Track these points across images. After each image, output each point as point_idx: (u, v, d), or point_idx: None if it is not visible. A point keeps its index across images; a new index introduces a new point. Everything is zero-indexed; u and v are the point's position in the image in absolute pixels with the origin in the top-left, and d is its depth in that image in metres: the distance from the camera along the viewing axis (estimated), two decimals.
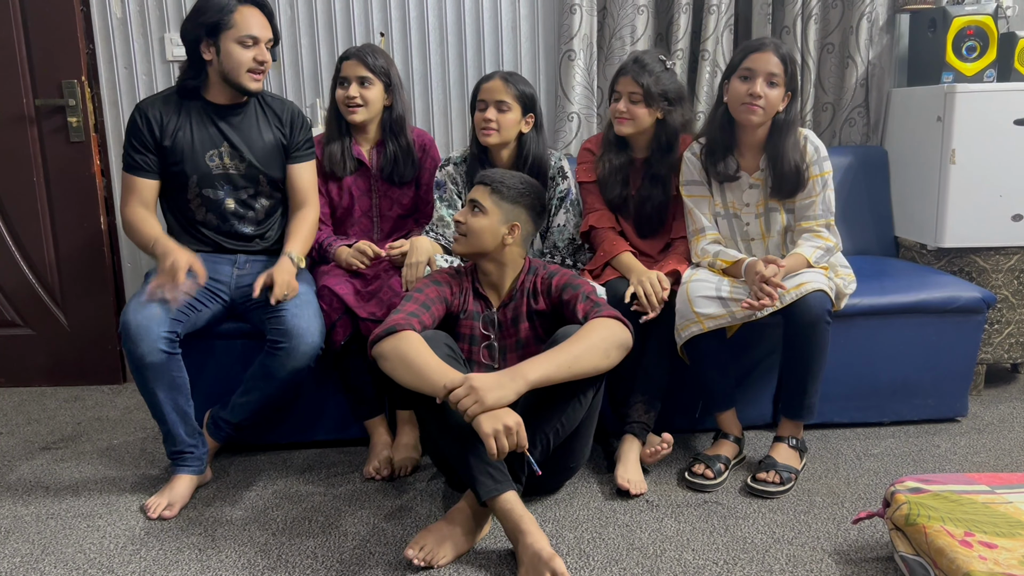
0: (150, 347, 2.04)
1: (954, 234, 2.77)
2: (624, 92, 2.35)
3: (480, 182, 2.11)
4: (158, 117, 2.27)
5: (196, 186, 2.31)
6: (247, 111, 2.35)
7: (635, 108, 2.34)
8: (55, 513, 2.13)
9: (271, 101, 2.40)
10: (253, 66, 2.24)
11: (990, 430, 2.55)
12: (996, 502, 1.71)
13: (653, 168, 2.43)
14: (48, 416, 2.86)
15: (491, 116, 2.36)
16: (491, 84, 2.38)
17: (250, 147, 2.33)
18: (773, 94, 2.20)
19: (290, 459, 2.43)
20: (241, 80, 2.25)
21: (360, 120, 2.49)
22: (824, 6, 3.06)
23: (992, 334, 2.84)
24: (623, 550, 1.88)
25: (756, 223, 2.36)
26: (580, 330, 1.91)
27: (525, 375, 1.80)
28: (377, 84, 2.48)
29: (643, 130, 2.38)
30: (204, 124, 2.30)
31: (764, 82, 2.19)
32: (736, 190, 2.35)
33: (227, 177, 2.33)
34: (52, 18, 2.94)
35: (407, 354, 1.86)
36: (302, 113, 2.45)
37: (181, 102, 2.30)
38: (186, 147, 2.28)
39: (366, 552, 1.90)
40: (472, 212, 2.08)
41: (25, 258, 3.10)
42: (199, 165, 2.29)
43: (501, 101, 2.36)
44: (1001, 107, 2.70)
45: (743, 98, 2.21)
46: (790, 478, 2.15)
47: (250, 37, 2.22)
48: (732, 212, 2.37)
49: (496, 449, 1.71)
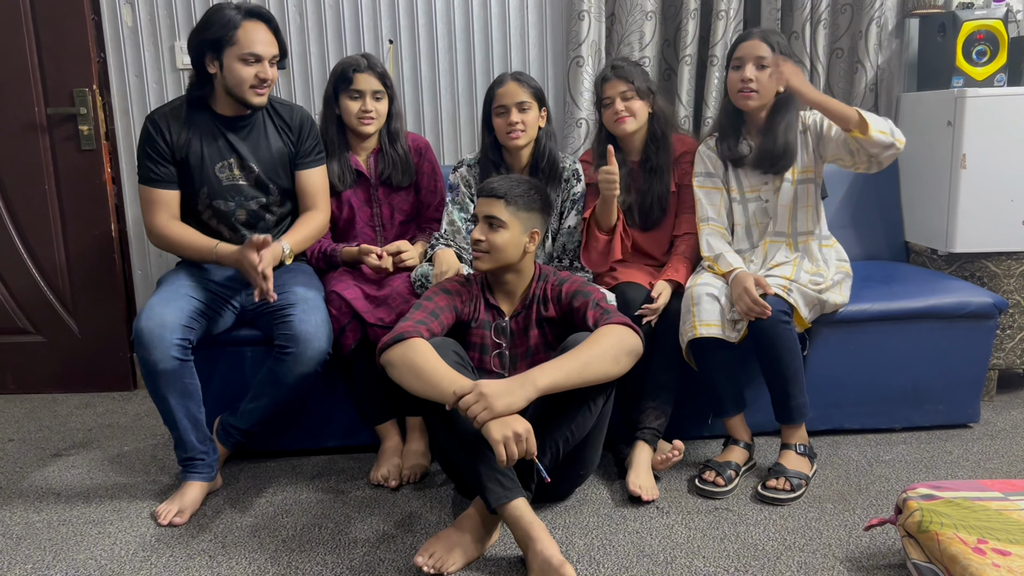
0: (163, 354, 2.05)
1: (965, 239, 2.76)
2: (615, 94, 2.41)
3: (490, 195, 2.05)
4: (169, 128, 2.28)
5: (207, 198, 2.32)
6: (255, 121, 2.36)
7: (631, 104, 2.41)
8: (66, 519, 2.14)
9: (280, 108, 2.41)
10: (255, 83, 2.24)
11: (1002, 436, 2.54)
12: (1009, 509, 1.70)
13: (651, 162, 2.49)
14: (59, 423, 2.87)
15: (516, 119, 2.38)
16: (508, 88, 2.39)
17: (258, 157, 2.34)
18: (764, 75, 2.27)
19: (300, 466, 2.44)
20: (244, 96, 2.25)
21: (373, 131, 2.51)
22: (833, 11, 3.05)
23: (1004, 339, 2.82)
24: (633, 557, 1.88)
25: (774, 198, 2.40)
26: (590, 337, 1.90)
27: (535, 381, 1.79)
28: (386, 97, 2.50)
29: (643, 124, 2.46)
30: (212, 136, 2.31)
31: (754, 66, 2.27)
32: (752, 173, 2.40)
33: (237, 188, 2.33)
34: (63, 27, 2.96)
35: (415, 361, 1.86)
36: (311, 118, 2.45)
37: (189, 114, 2.31)
38: (195, 160, 2.29)
39: (376, 559, 1.89)
40: (491, 229, 2.04)
41: (37, 266, 3.12)
42: (208, 177, 2.30)
43: (522, 102, 2.38)
44: (1012, 111, 2.69)
45: (737, 85, 2.30)
46: (800, 484, 2.14)
47: (252, 55, 2.21)
48: (752, 196, 2.42)
49: (506, 456, 1.71)
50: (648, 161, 2.49)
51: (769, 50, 2.26)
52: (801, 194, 2.38)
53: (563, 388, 1.83)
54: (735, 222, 2.45)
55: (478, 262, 2.07)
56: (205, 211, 2.34)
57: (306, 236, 2.38)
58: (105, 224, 3.09)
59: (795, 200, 2.38)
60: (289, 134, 2.39)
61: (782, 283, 2.26)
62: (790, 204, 2.37)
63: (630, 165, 2.50)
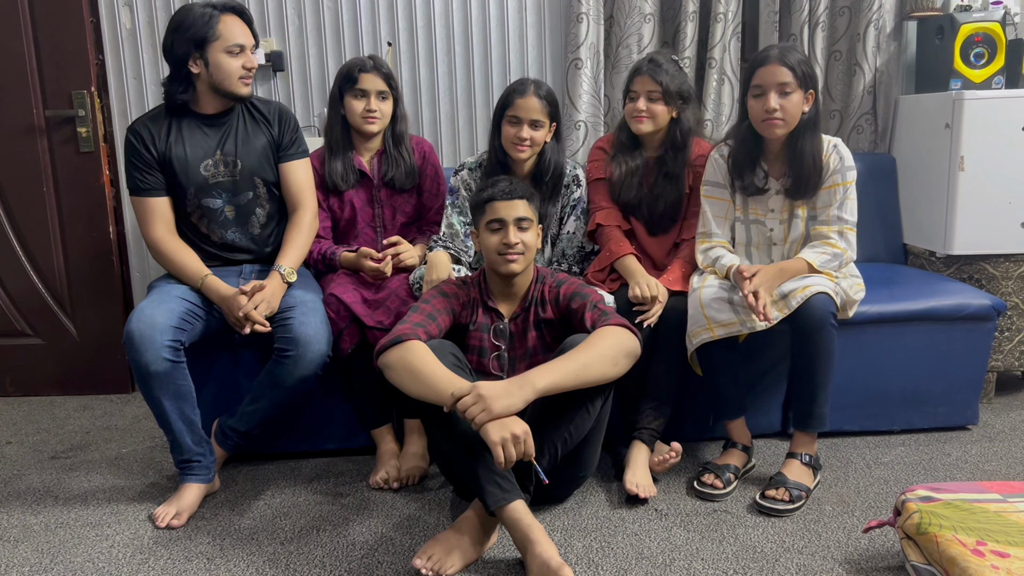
0: (154, 356, 2.05)
1: (963, 241, 2.76)
2: (642, 91, 2.36)
3: (511, 197, 2.05)
4: (151, 135, 2.28)
5: (195, 197, 2.32)
6: (235, 117, 2.37)
7: (654, 106, 2.36)
8: (64, 522, 2.13)
9: (257, 103, 2.41)
10: (243, 73, 2.28)
11: (1001, 438, 2.54)
12: (1008, 511, 1.70)
13: (667, 166, 2.45)
14: (57, 425, 2.87)
15: (526, 135, 2.36)
16: (528, 102, 2.36)
17: (242, 152, 2.34)
18: (790, 103, 2.19)
19: (298, 468, 2.43)
20: (233, 88, 2.27)
21: (377, 131, 2.51)
22: (831, 13, 3.06)
23: (1003, 341, 2.82)
24: (632, 559, 1.87)
25: (780, 228, 2.35)
26: (588, 338, 1.90)
27: (533, 383, 1.79)
28: (391, 98, 2.51)
29: (660, 128, 2.41)
30: (195, 135, 2.31)
31: (776, 94, 2.18)
32: (761, 198, 2.35)
33: (222, 185, 2.34)
34: (62, 29, 2.96)
35: (413, 363, 1.86)
36: (289, 111, 2.46)
37: (170, 118, 2.31)
38: (180, 160, 2.29)
39: (374, 561, 1.89)
40: (521, 229, 2.05)
41: (35, 268, 3.12)
42: (194, 176, 2.30)
43: (536, 120, 2.36)
44: (1010, 114, 2.69)
45: (761, 115, 2.21)
46: (800, 496, 2.10)
47: (237, 45, 2.25)
48: (753, 218, 2.37)
49: (504, 458, 1.71)
50: (664, 165, 2.45)
51: (791, 75, 2.16)
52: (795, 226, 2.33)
53: (562, 389, 1.83)
54: (736, 239, 2.40)
55: (514, 264, 2.05)
56: (194, 212, 2.34)
57: (301, 247, 2.37)
58: (103, 227, 3.09)
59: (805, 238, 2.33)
60: (269, 127, 2.39)
61: (830, 284, 2.20)
62: (799, 240, 2.33)
63: (645, 159, 2.47)
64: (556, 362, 1.85)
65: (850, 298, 2.31)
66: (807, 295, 2.14)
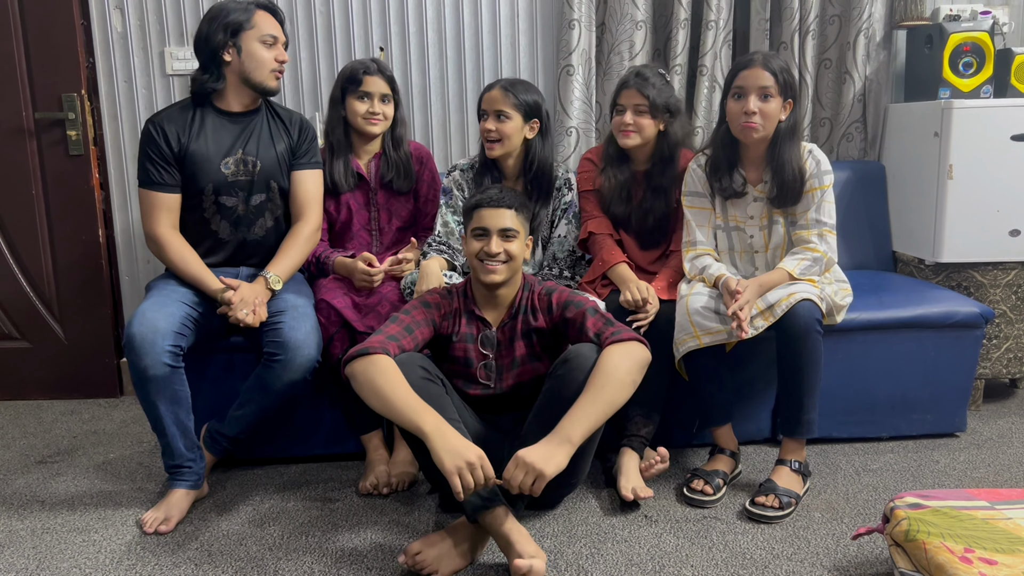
0: (154, 360, 2.04)
1: (952, 249, 2.78)
2: (629, 104, 2.36)
3: (498, 206, 2.03)
4: (174, 130, 2.28)
5: (212, 194, 2.32)
6: (259, 119, 2.38)
7: (640, 120, 2.36)
8: (51, 527, 2.12)
9: (279, 110, 2.44)
10: (275, 66, 2.31)
11: (989, 445, 2.55)
12: (996, 518, 1.71)
13: (655, 180, 2.45)
14: (44, 429, 2.85)
15: (491, 127, 2.38)
16: (490, 94, 2.40)
17: (262, 154, 2.35)
18: (769, 107, 2.20)
19: (286, 473, 2.42)
20: (264, 79, 2.31)
21: (378, 132, 2.52)
22: (821, 22, 3.08)
23: (990, 349, 2.84)
24: (622, 566, 1.87)
25: (760, 235, 2.36)
26: (603, 366, 1.88)
27: (570, 438, 1.80)
28: (392, 101, 2.53)
29: (647, 142, 2.40)
30: (218, 132, 2.32)
31: (757, 97, 2.19)
32: (740, 204, 2.35)
33: (240, 184, 2.34)
34: (52, 32, 2.95)
35: (375, 380, 1.84)
36: (309, 123, 2.48)
37: (194, 112, 2.32)
38: (201, 156, 2.29)
39: (363, 567, 1.88)
40: (506, 239, 2.02)
41: (23, 271, 3.10)
42: (214, 173, 2.30)
43: (500, 111, 2.38)
44: (998, 123, 2.71)
45: (740, 117, 2.22)
46: (790, 503, 2.11)
47: (271, 36, 2.29)
48: (733, 225, 2.38)
49: (461, 487, 1.70)
50: (652, 179, 2.45)
51: (773, 79, 2.18)
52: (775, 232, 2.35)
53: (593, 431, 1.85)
54: (719, 246, 2.41)
55: (493, 275, 2.02)
56: (209, 208, 2.33)
57: (295, 257, 2.36)
58: (93, 230, 3.08)
59: (787, 243, 2.35)
60: (288, 135, 2.41)
61: (814, 291, 2.21)
62: (782, 246, 2.35)
63: (633, 172, 2.48)
64: (584, 407, 1.84)
65: (836, 303, 2.32)
66: (792, 303, 2.15)
